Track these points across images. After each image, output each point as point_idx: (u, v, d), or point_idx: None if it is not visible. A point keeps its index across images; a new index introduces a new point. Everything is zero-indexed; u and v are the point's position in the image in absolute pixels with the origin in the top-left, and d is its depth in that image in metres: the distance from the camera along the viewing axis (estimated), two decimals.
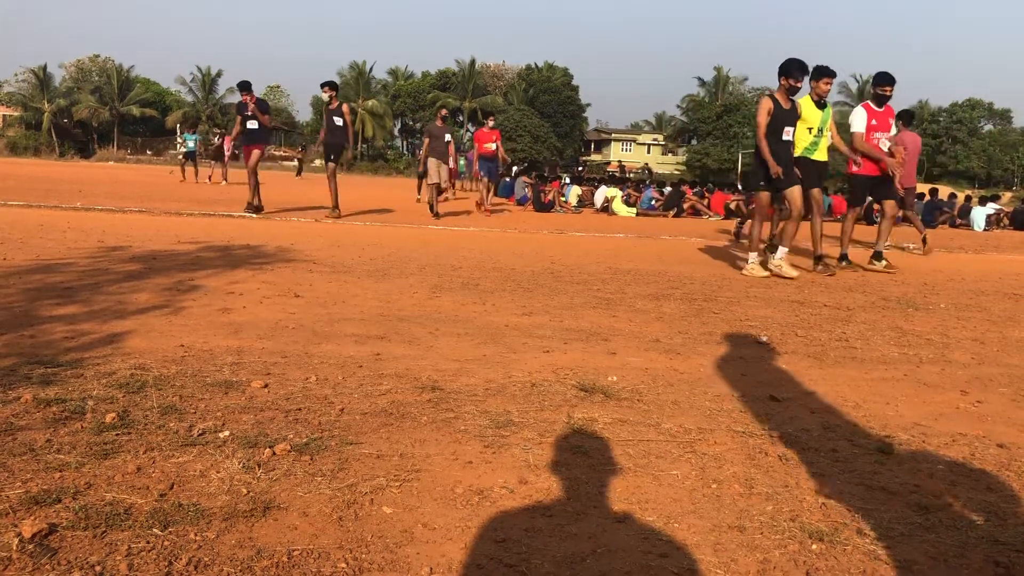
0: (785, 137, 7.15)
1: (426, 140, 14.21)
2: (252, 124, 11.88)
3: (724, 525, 2.03)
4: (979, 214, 18.70)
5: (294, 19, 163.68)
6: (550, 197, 17.61)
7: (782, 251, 7.28)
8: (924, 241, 10.87)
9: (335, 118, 12.10)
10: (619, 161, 62.57)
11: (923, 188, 25.29)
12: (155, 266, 5.89)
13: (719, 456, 2.53)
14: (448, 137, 13.89)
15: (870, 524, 2.07)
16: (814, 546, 1.94)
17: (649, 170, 32.81)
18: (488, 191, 15.61)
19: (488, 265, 6.99)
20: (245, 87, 11.93)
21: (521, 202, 18.69)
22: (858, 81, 68.28)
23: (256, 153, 11.97)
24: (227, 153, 23.55)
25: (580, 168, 44.99)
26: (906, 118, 10.48)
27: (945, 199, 20.59)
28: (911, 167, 10.23)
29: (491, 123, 15.77)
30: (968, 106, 64.52)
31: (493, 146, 15.26)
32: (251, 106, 11.78)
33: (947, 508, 2.19)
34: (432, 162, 13.59)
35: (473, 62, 70.08)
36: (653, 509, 2.10)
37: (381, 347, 3.74)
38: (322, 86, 12.12)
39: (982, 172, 64.03)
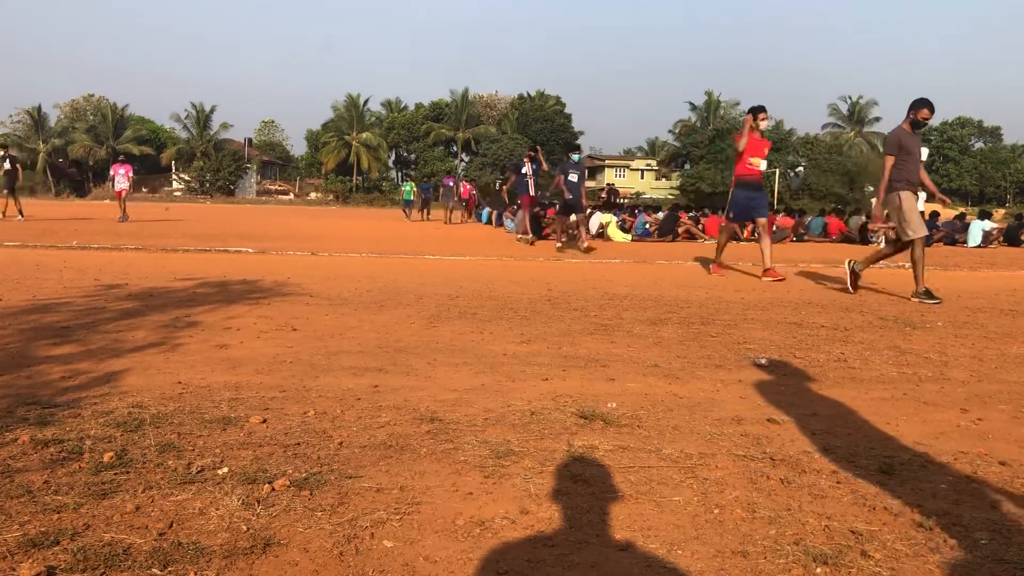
0: None
1: (889, 160, 7.57)
2: None
3: (727, 551, 2.01)
4: (976, 228, 18.67)
5: (287, 54, 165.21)
6: (549, 230, 17.75)
7: None
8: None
9: None
10: (617, 187, 62.88)
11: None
12: (151, 303, 5.88)
13: (721, 481, 2.52)
14: (924, 152, 8.19)
15: (874, 546, 2.06)
16: (818, 569, 1.92)
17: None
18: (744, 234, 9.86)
19: (485, 294, 6.99)
20: None
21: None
22: (847, 103, 68.96)
23: None
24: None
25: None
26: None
27: (951, 219, 20.67)
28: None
29: (764, 122, 9.13)
30: (958, 124, 65.08)
31: (763, 164, 9.28)
32: None
33: (951, 528, 2.18)
34: (907, 200, 7.54)
35: (466, 93, 70.76)
36: (656, 536, 2.09)
37: (379, 379, 3.73)
38: None
39: (975, 189, 64.45)
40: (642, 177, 74.47)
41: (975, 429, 3.18)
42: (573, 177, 13.53)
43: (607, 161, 76.46)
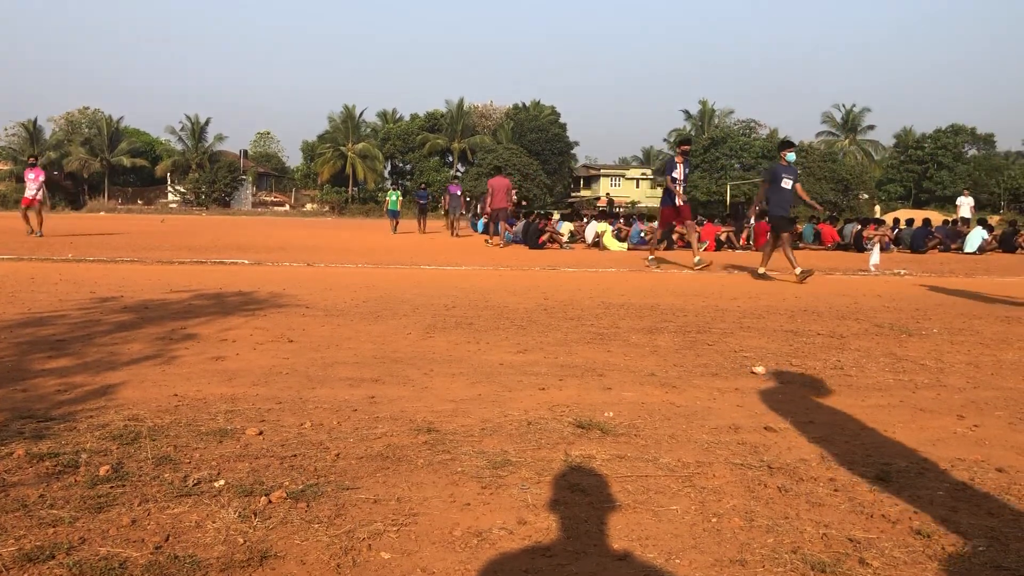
0: None
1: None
2: None
3: (726, 559, 2.01)
4: (976, 235, 18.68)
5: (283, 65, 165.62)
6: (545, 237, 17.77)
7: None
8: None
9: None
10: (607, 195, 63.03)
11: (911, 214, 25.52)
12: (147, 316, 5.87)
13: (718, 489, 2.51)
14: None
15: (872, 553, 2.05)
16: None
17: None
18: None
19: (481, 304, 6.99)
20: None
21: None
22: (841, 111, 69.22)
23: None
24: None
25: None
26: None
27: (940, 225, 20.76)
28: (501, 197, 18.69)
29: None
30: (952, 132, 65.29)
31: None
32: None
33: (949, 534, 2.18)
34: None
35: (461, 103, 70.89)
36: (653, 546, 2.09)
37: (376, 390, 3.72)
38: None
39: None
40: (637, 186, 74.71)
41: (972, 435, 3.18)
42: (787, 183, 10.46)
43: (603, 170, 76.69)
